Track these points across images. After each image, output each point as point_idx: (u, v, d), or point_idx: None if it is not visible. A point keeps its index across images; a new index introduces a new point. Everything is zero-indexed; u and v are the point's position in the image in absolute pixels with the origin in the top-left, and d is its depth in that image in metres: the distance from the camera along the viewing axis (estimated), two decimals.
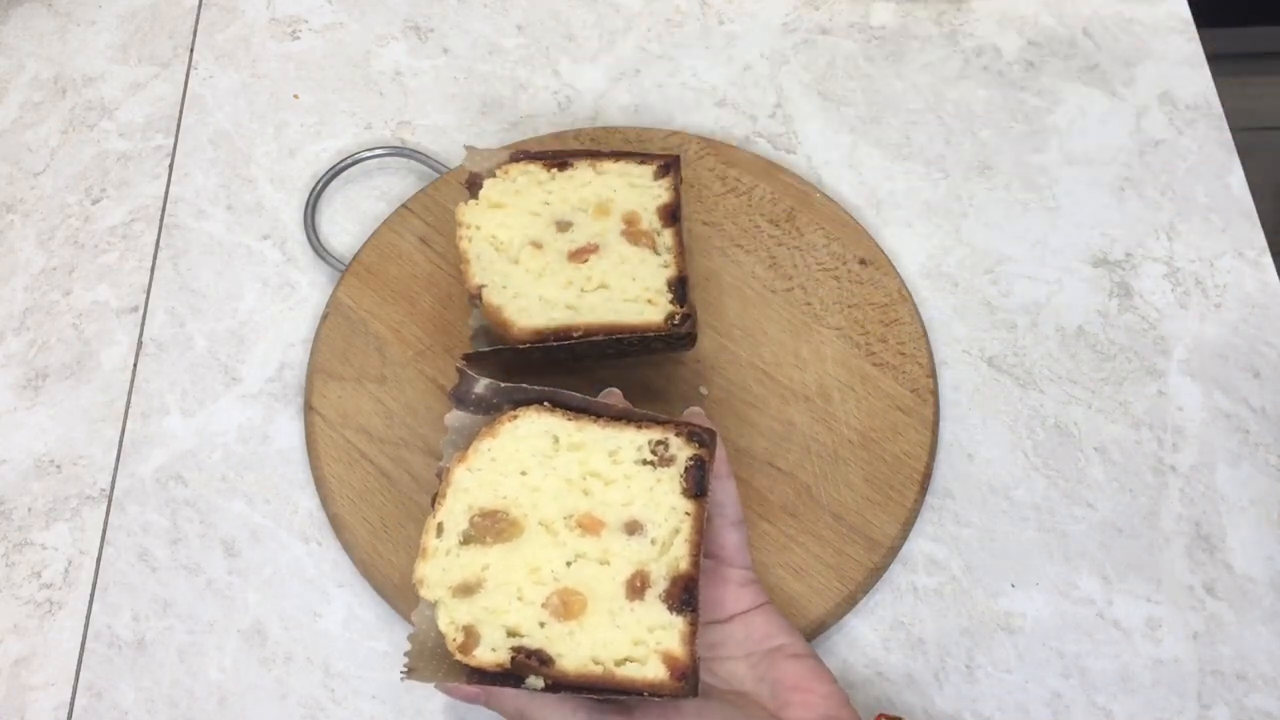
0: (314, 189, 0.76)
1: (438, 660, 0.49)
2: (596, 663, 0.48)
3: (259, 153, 0.79)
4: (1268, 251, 0.73)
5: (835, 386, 0.66)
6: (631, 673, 0.48)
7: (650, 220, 0.64)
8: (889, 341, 0.68)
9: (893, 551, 0.62)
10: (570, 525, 0.50)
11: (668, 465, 0.51)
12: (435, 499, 0.52)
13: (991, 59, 0.81)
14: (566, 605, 0.49)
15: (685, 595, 0.49)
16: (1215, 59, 0.81)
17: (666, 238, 0.63)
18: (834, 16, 0.84)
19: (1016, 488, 0.65)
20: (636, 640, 0.48)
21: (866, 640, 0.61)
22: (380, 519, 0.63)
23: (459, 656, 0.48)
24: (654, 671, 0.48)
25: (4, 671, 0.62)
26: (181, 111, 0.81)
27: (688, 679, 0.48)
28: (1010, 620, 0.62)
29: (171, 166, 0.79)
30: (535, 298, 0.61)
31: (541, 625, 0.49)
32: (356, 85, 0.82)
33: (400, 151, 0.77)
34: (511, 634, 0.49)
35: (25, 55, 0.84)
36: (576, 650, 0.48)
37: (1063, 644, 0.61)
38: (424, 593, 0.50)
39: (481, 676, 0.48)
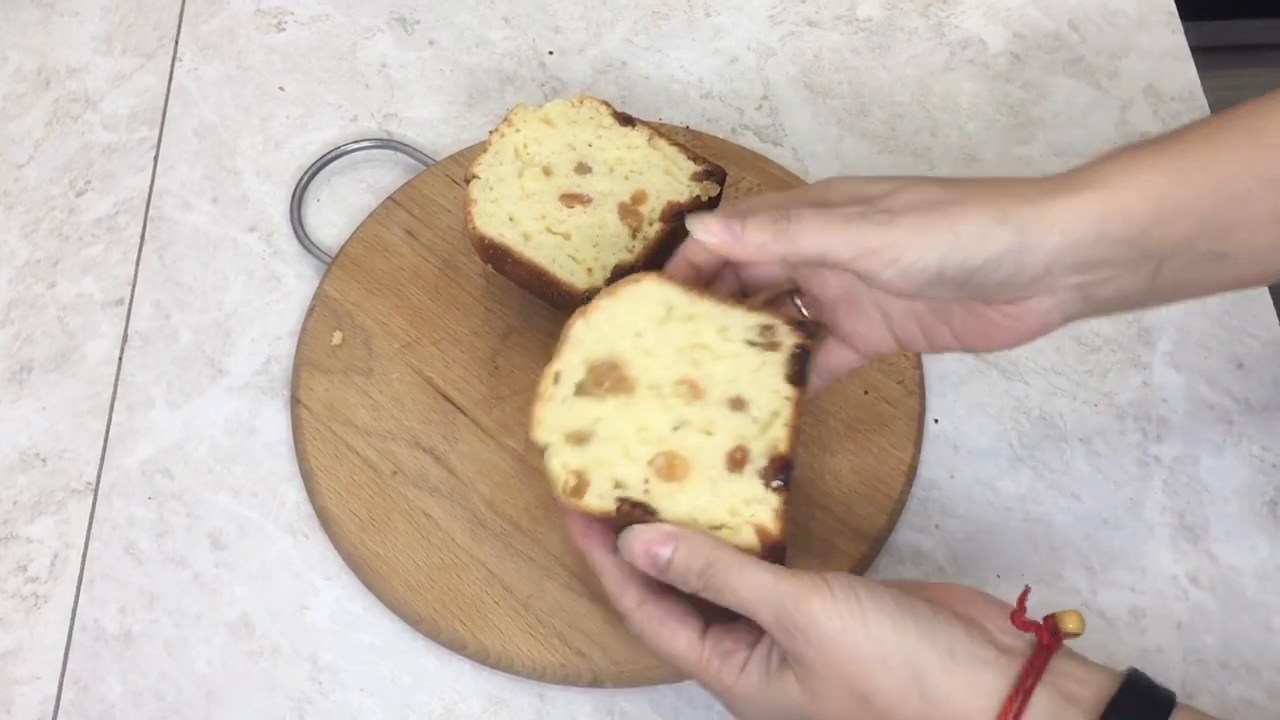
0: (300, 181, 0.76)
1: None
2: (695, 524, 0.50)
3: (244, 145, 0.79)
4: None
5: None
6: (726, 538, 0.50)
7: (652, 208, 0.64)
8: None
9: (879, 543, 0.62)
10: (678, 391, 0.52)
11: (773, 350, 0.52)
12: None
13: (977, 52, 0.81)
14: (670, 467, 0.51)
15: (781, 474, 0.51)
16: (1199, 52, 0.81)
17: (650, 231, 0.64)
18: (820, 9, 0.84)
19: (1002, 479, 0.66)
20: (732, 510, 0.50)
21: None
22: (367, 511, 0.63)
23: (568, 501, 0.50)
24: (747, 540, 0.50)
25: None
26: (166, 103, 0.81)
27: (775, 553, 0.50)
28: None
29: (156, 159, 0.78)
30: (506, 212, 0.65)
31: (645, 483, 0.51)
32: (342, 77, 0.81)
33: (386, 144, 0.77)
34: (618, 486, 0.51)
35: (8, 46, 0.84)
36: (676, 510, 0.50)
37: None
38: (537, 434, 0.51)
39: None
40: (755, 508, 0.50)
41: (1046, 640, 0.45)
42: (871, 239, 0.47)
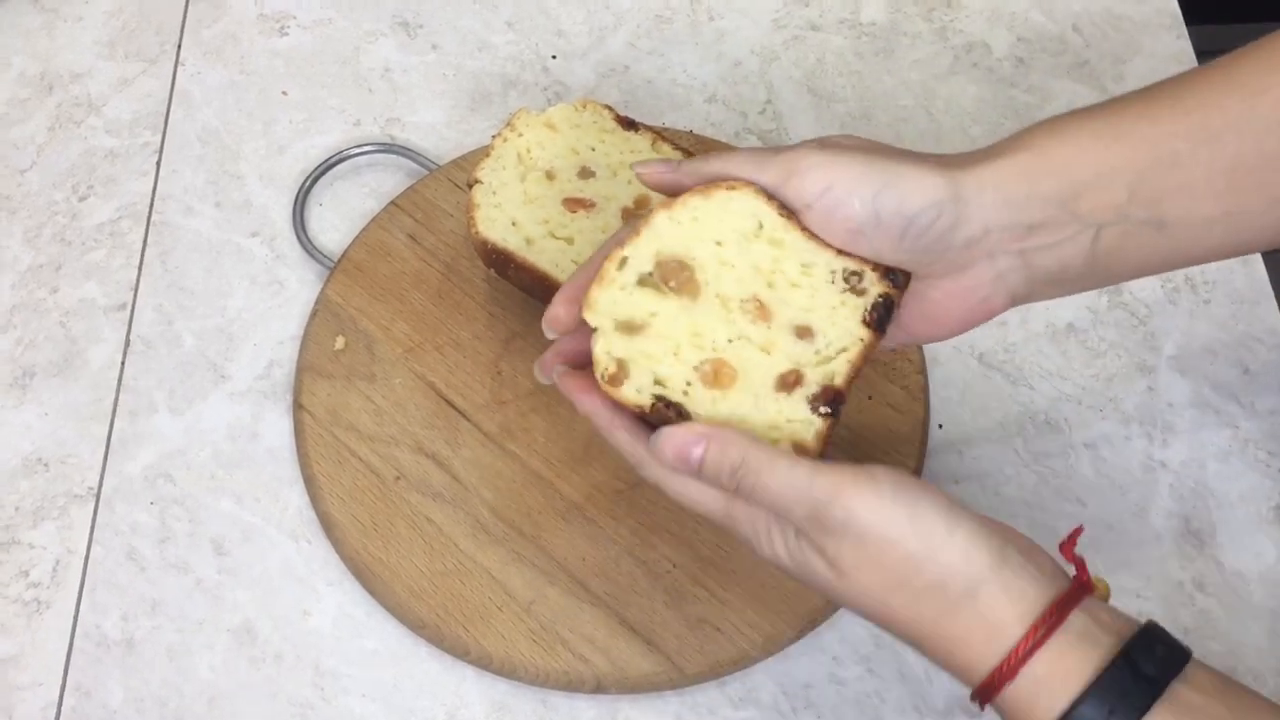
0: (303, 186, 0.76)
1: None
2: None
3: (247, 149, 0.79)
4: None
5: None
6: None
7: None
8: None
9: None
10: (745, 308, 0.50)
11: (856, 294, 0.50)
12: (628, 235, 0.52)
13: (981, 55, 0.81)
14: (717, 374, 0.49)
15: (831, 403, 0.49)
16: (1205, 56, 0.80)
17: None
18: (824, 13, 0.83)
19: (1007, 484, 0.65)
20: (772, 424, 0.49)
21: (858, 636, 0.61)
22: (370, 517, 0.63)
23: (605, 387, 0.49)
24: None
25: None
26: (169, 108, 0.80)
27: None
28: None
29: (159, 163, 0.78)
30: (509, 216, 0.64)
31: (687, 386, 0.49)
32: (345, 82, 0.81)
33: (389, 148, 0.77)
34: (658, 383, 0.49)
35: (12, 51, 0.84)
36: (713, 417, 0.49)
37: None
38: (588, 315, 0.50)
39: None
40: (797, 426, 0.49)
41: (1086, 578, 0.46)
42: (804, 160, 0.48)
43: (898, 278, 0.50)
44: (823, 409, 0.49)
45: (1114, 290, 0.71)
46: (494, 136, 0.67)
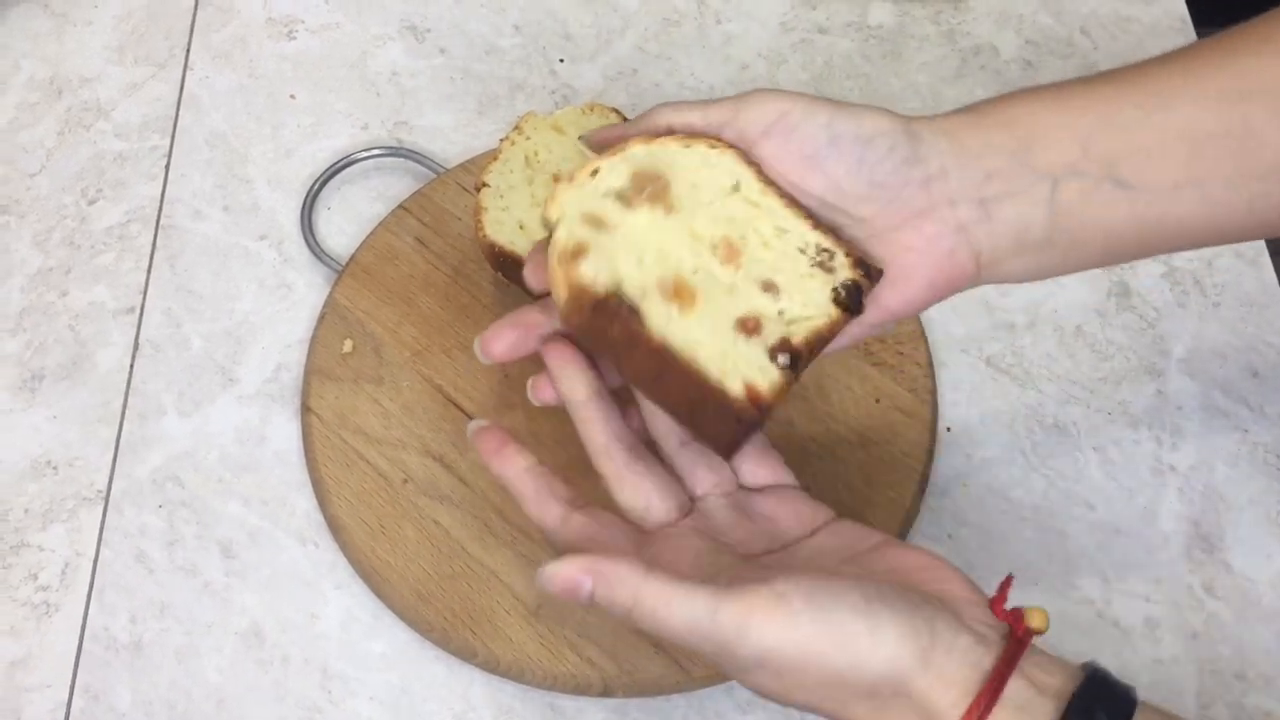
0: (311, 189, 0.76)
1: None
2: (688, 353, 0.47)
3: (255, 153, 0.79)
4: (1266, 251, 0.72)
5: (833, 387, 0.66)
6: (711, 370, 0.47)
7: None
8: (887, 341, 0.67)
9: None
10: (714, 244, 0.49)
11: (827, 272, 0.49)
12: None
13: (989, 58, 0.81)
14: (678, 292, 0.48)
15: (791, 357, 0.48)
16: None
17: None
18: (831, 16, 0.83)
19: (1015, 487, 0.65)
20: (725, 355, 0.47)
21: None
22: (378, 520, 0.63)
23: (557, 267, 0.47)
24: (734, 391, 0.47)
25: (0, 674, 0.62)
26: (178, 112, 0.81)
27: (753, 421, 0.47)
28: None
29: (168, 167, 0.78)
30: (516, 219, 0.64)
31: (642, 293, 0.48)
32: (353, 85, 0.81)
33: (397, 152, 0.77)
34: (614, 282, 0.48)
35: (21, 55, 0.84)
36: (669, 332, 0.47)
37: (1061, 644, 0.61)
38: (549, 210, 0.48)
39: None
40: (753, 371, 0.47)
41: (1022, 633, 0.44)
42: (755, 94, 0.48)
43: (869, 268, 0.49)
44: (781, 359, 0.48)
45: (1122, 293, 0.71)
46: (502, 140, 0.67)
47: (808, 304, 0.49)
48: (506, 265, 0.65)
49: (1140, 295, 0.71)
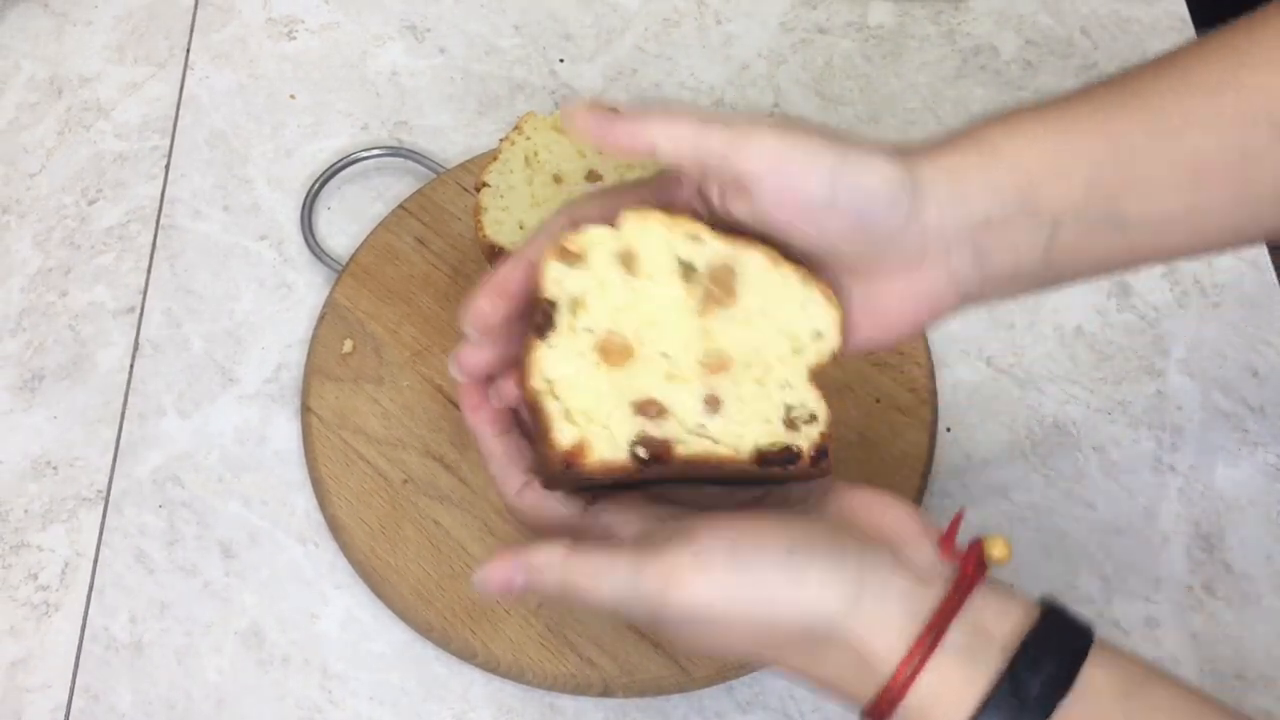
0: (311, 189, 0.76)
1: None
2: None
3: (255, 153, 0.79)
4: (1266, 251, 0.72)
5: (833, 387, 0.66)
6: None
7: None
8: None
9: None
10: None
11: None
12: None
13: (989, 58, 0.81)
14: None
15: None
16: None
17: None
18: (831, 16, 0.83)
19: (1015, 487, 0.65)
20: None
21: None
22: (378, 520, 0.63)
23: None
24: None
25: (0, 674, 0.62)
26: (178, 112, 0.81)
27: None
28: None
29: (168, 167, 0.78)
30: (516, 219, 0.64)
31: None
32: (353, 85, 0.81)
33: (397, 152, 0.77)
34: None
35: (21, 55, 0.84)
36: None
37: None
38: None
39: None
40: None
41: (971, 571, 0.42)
42: (756, 130, 0.44)
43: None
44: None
45: (1122, 293, 0.71)
46: (502, 140, 0.67)
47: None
48: None
49: (1140, 295, 0.71)
